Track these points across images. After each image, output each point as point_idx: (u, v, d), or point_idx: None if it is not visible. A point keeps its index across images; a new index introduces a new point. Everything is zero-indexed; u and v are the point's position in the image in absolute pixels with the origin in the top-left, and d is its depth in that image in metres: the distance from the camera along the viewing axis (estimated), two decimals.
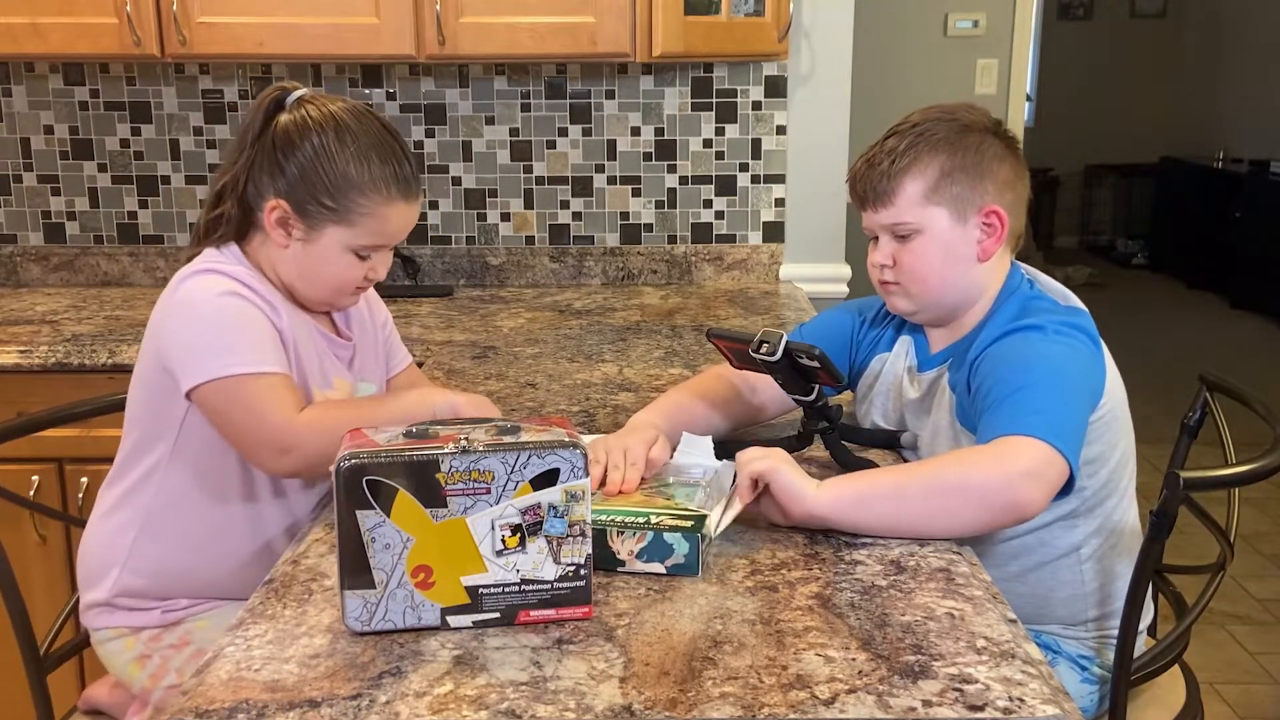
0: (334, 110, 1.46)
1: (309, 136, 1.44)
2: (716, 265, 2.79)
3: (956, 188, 1.47)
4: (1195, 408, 1.81)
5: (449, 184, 2.78)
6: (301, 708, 0.99)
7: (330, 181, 1.43)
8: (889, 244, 1.52)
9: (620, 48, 2.36)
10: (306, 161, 1.43)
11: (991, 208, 1.48)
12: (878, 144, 1.51)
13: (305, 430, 1.38)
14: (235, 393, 1.39)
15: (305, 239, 1.47)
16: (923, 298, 1.52)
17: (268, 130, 1.46)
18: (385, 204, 1.46)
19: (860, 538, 1.32)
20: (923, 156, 1.47)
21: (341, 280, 1.50)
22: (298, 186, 1.44)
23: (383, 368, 1.69)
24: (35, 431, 1.72)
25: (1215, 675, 2.92)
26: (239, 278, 1.45)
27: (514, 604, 1.12)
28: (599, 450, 1.41)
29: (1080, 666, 1.53)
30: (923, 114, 1.52)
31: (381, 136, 1.47)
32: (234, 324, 1.42)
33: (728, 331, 1.52)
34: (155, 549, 1.53)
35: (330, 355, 1.56)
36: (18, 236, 2.78)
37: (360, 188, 1.44)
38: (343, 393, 1.55)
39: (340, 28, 2.35)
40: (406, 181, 1.47)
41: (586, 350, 2.20)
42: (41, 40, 2.35)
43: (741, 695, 1.00)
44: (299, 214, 1.45)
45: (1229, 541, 1.57)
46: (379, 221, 1.46)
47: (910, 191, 1.47)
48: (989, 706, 0.98)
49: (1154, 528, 1.39)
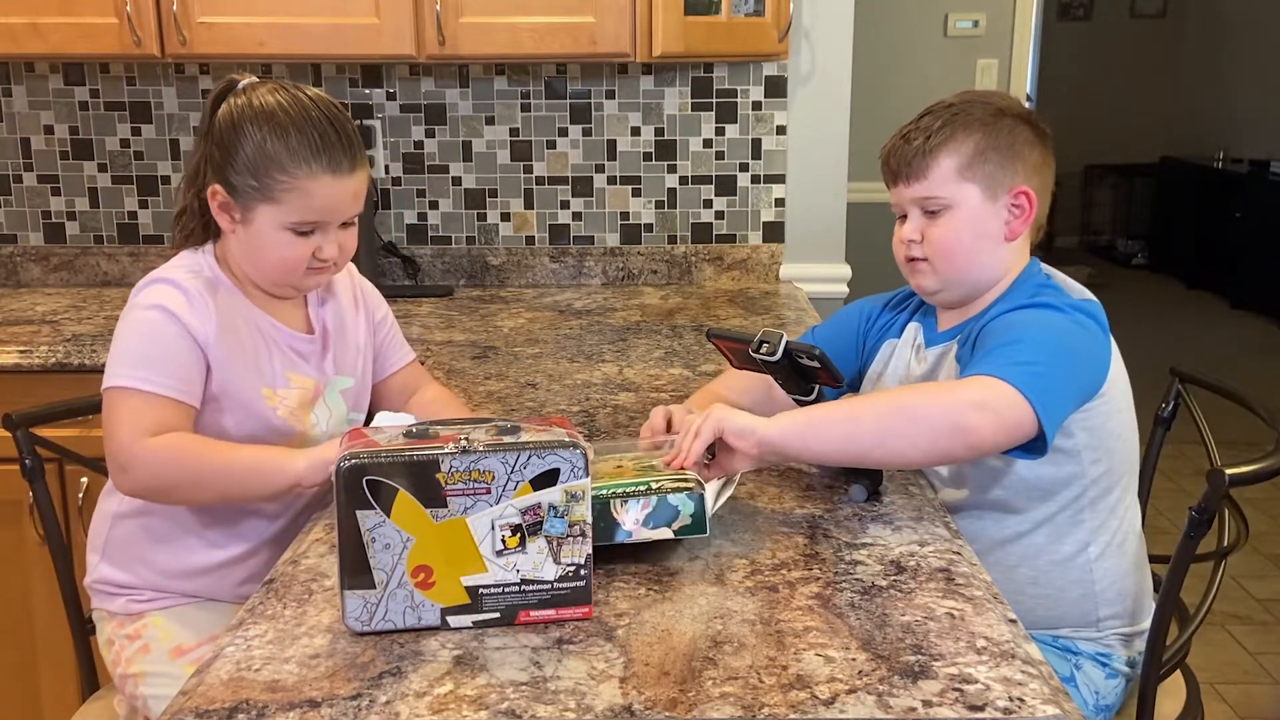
0: (265, 92, 1.47)
1: (237, 120, 1.46)
2: (716, 265, 2.79)
3: (989, 166, 1.49)
4: (1169, 399, 1.84)
5: (449, 184, 2.78)
6: (301, 708, 0.99)
7: (251, 160, 1.45)
8: (918, 219, 1.52)
9: (620, 48, 2.36)
10: (234, 144, 1.46)
11: (1021, 188, 1.50)
12: (912, 122, 1.53)
13: (144, 455, 1.41)
14: (111, 404, 1.44)
15: (243, 221, 1.48)
16: (949, 274, 1.52)
17: (214, 121, 1.48)
18: (308, 179, 1.45)
19: (860, 538, 1.32)
20: (958, 133, 1.49)
21: (286, 260, 1.50)
22: (227, 169, 1.46)
23: (368, 364, 1.69)
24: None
25: (1215, 675, 2.92)
26: (182, 285, 1.47)
27: (514, 604, 1.12)
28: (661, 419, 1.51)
29: (1101, 663, 1.54)
30: (958, 96, 1.54)
31: (309, 113, 1.46)
32: (141, 337, 1.45)
33: (728, 331, 1.52)
34: (126, 539, 1.58)
35: (288, 352, 1.56)
36: (18, 236, 2.78)
37: (279, 164, 1.44)
38: (301, 389, 1.55)
39: (340, 28, 2.35)
40: (330, 154, 1.45)
41: (586, 350, 2.20)
42: (41, 40, 2.35)
43: (741, 695, 1.00)
44: (232, 196, 1.47)
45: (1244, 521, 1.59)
46: (303, 196, 1.45)
47: (944, 166, 1.49)
48: (989, 706, 0.98)
49: (1193, 524, 1.40)
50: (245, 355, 1.50)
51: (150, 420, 1.42)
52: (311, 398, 1.56)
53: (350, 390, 1.63)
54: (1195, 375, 1.83)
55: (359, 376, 1.66)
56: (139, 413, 1.42)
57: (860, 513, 1.40)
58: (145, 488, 1.46)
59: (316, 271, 1.52)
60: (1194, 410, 1.81)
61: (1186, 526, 1.41)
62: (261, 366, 1.52)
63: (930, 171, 1.49)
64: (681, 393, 1.89)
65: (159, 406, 1.43)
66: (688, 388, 1.93)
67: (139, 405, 1.42)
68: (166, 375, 1.43)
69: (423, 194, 2.78)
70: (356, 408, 1.65)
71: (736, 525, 1.35)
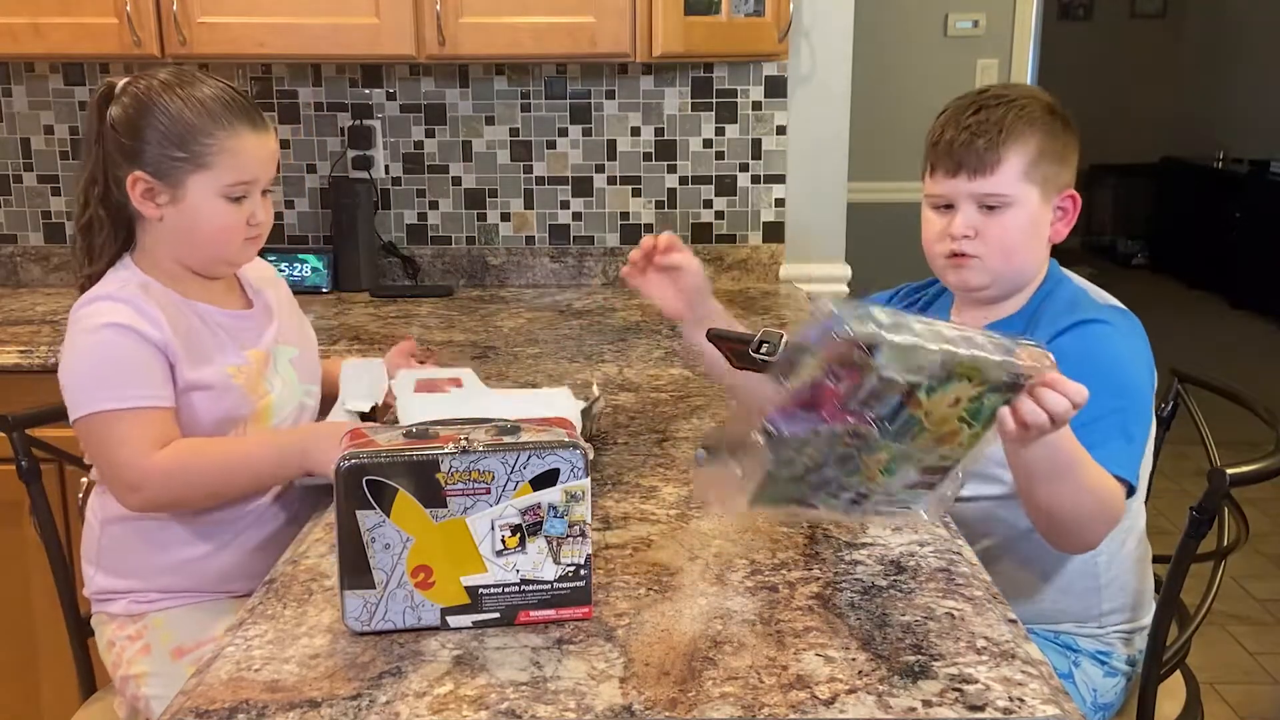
0: (154, 78, 1.50)
1: (143, 106, 1.47)
2: (717, 265, 2.79)
3: (1048, 168, 1.48)
4: (1169, 399, 1.84)
5: (449, 184, 2.78)
6: (301, 708, 0.99)
7: (173, 133, 1.47)
8: (974, 215, 1.49)
9: (620, 48, 2.36)
10: (148, 126, 1.47)
11: (1069, 191, 1.51)
12: (971, 113, 1.49)
13: (153, 472, 1.43)
14: (96, 430, 1.44)
15: (173, 200, 1.49)
16: (1000, 271, 1.51)
17: (104, 124, 1.49)
18: (231, 136, 1.49)
19: (860, 538, 1.32)
20: (1024, 131, 1.47)
21: (224, 230, 1.52)
22: (148, 152, 1.47)
23: (305, 334, 1.72)
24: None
25: (1215, 675, 2.92)
26: (123, 297, 1.47)
27: (514, 604, 1.12)
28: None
29: (1100, 661, 1.54)
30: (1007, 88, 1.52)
31: (206, 84, 1.51)
32: (105, 359, 1.45)
33: (728, 332, 1.52)
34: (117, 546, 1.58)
35: (236, 330, 1.58)
36: (18, 236, 2.78)
37: (202, 128, 1.48)
38: (257, 363, 1.58)
39: (340, 28, 2.35)
40: (244, 110, 1.51)
41: (586, 350, 2.20)
42: (41, 40, 2.35)
43: (741, 695, 1.00)
44: (159, 178, 1.48)
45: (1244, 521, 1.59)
46: (232, 155, 1.49)
47: (1013, 164, 1.47)
48: (989, 706, 0.98)
49: (1193, 524, 1.40)
50: (202, 345, 1.52)
51: (147, 434, 1.43)
52: (264, 369, 1.59)
53: (297, 359, 1.65)
54: (1195, 375, 1.83)
55: (302, 345, 1.68)
56: (133, 430, 1.43)
57: None
58: (159, 502, 1.48)
59: (252, 240, 1.56)
60: (1194, 410, 1.81)
61: (1187, 526, 1.41)
62: (219, 351, 1.54)
63: (999, 168, 1.46)
64: (681, 393, 1.89)
65: (147, 419, 1.44)
66: (688, 388, 1.93)
67: (130, 423, 1.43)
68: (141, 387, 1.44)
69: (423, 194, 2.78)
70: (309, 378, 1.67)
71: (736, 525, 1.35)
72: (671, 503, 1.43)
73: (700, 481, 1.30)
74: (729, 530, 1.33)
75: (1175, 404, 1.83)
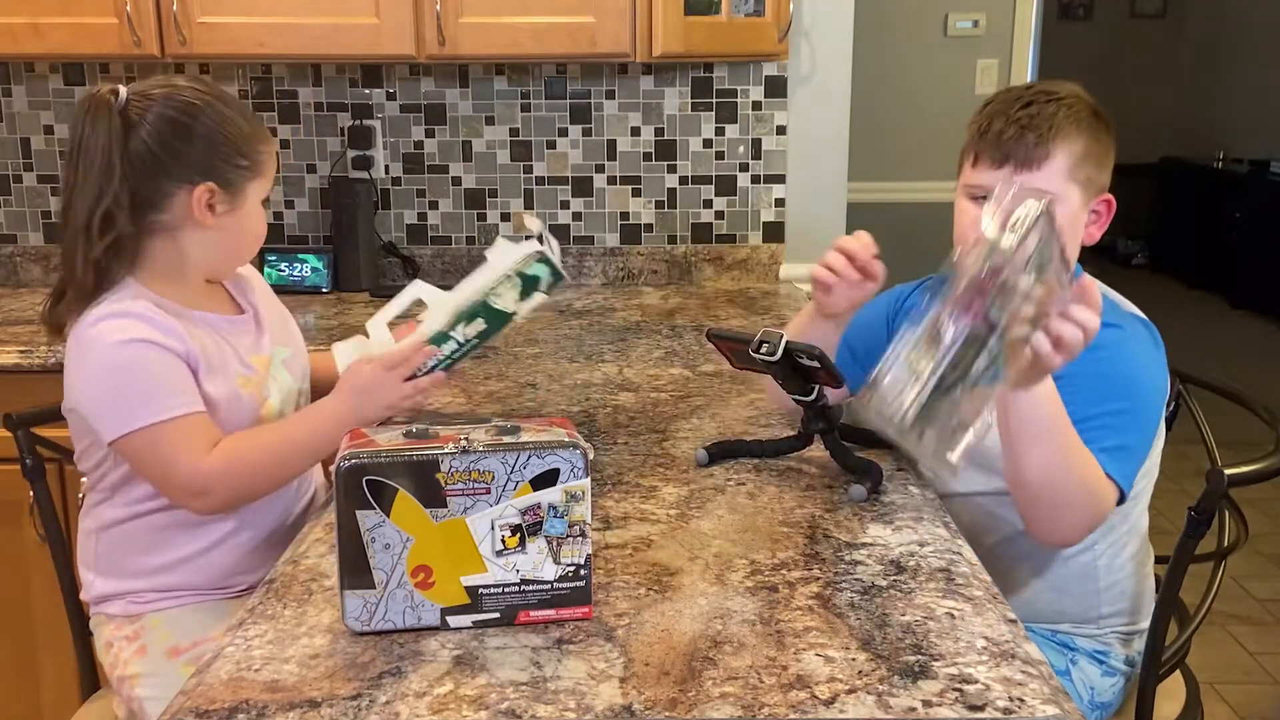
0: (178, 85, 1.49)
1: (194, 114, 1.47)
2: (717, 265, 2.79)
3: (1091, 169, 1.48)
4: (1169, 399, 1.83)
5: (449, 184, 2.78)
6: (301, 708, 0.99)
7: (235, 143, 1.49)
8: None
9: (620, 48, 2.36)
10: (208, 135, 1.47)
11: (1106, 196, 1.51)
12: (1020, 107, 1.47)
13: (213, 474, 1.44)
14: (146, 444, 1.44)
15: (231, 208, 1.51)
16: None
17: (130, 137, 1.44)
18: (269, 143, 1.56)
19: (860, 538, 1.32)
20: (1072, 131, 1.46)
21: (261, 231, 1.59)
22: (211, 161, 1.48)
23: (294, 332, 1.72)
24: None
25: (1215, 675, 2.92)
26: (138, 313, 1.45)
27: (514, 604, 1.12)
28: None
29: (1098, 660, 1.54)
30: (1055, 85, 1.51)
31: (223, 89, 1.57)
32: (138, 373, 1.44)
33: (728, 331, 1.52)
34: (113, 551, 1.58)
35: (239, 340, 1.58)
36: (18, 236, 2.78)
37: (255, 136, 1.53)
38: (262, 367, 1.58)
39: (340, 28, 2.35)
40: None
41: (586, 350, 2.20)
42: (41, 40, 2.35)
43: (741, 695, 1.00)
44: (224, 188, 1.49)
45: (1244, 521, 1.59)
46: (271, 162, 1.56)
47: (1060, 161, 1.46)
48: (989, 706, 0.98)
49: (1192, 524, 1.40)
50: (214, 357, 1.52)
51: (197, 439, 1.44)
52: (265, 372, 1.59)
53: (290, 360, 1.66)
54: (1195, 375, 1.83)
55: (293, 345, 1.69)
56: (183, 438, 1.43)
57: (860, 513, 1.40)
58: (226, 501, 1.49)
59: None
60: (1194, 410, 1.81)
61: (1186, 526, 1.41)
62: (228, 360, 1.54)
63: (1046, 164, 1.45)
64: (681, 393, 1.90)
65: (193, 424, 1.45)
66: (687, 388, 1.93)
67: (178, 432, 1.43)
68: (180, 395, 1.45)
69: (423, 194, 2.78)
70: (300, 376, 1.68)
71: (736, 525, 1.35)
72: (671, 503, 1.43)
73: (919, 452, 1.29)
74: (729, 530, 1.33)
75: (1176, 404, 1.84)
